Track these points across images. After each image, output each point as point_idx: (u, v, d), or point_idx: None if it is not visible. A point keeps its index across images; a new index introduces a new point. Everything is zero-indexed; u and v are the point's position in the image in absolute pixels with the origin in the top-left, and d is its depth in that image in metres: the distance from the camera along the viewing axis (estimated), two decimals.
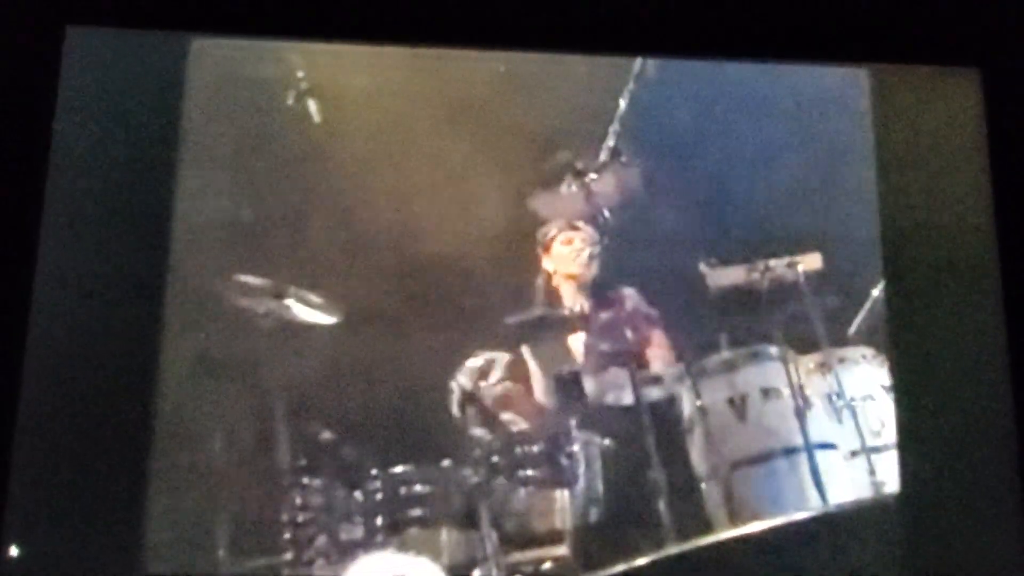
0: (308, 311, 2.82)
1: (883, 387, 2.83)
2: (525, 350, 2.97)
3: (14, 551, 2.22)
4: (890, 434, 2.73)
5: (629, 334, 2.95)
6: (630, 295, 2.99)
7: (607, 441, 2.83)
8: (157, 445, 2.40)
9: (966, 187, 2.62)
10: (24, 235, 2.33)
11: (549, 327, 2.97)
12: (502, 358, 2.95)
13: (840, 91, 2.88)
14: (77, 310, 2.37)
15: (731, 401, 2.88)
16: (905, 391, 2.61)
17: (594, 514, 2.76)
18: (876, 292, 2.82)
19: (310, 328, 2.81)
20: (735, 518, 2.74)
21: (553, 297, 3.06)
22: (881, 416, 2.82)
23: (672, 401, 2.91)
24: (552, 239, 3.07)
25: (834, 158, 2.88)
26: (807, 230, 2.93)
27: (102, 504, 2.29)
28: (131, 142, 2.48)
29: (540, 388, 2.95)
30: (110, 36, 2.49)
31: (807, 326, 2.95)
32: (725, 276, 2.97)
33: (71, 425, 2.31)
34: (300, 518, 2.62)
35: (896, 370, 2.67)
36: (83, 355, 2.35)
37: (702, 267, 2.97)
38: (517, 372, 2.95)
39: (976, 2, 2.64)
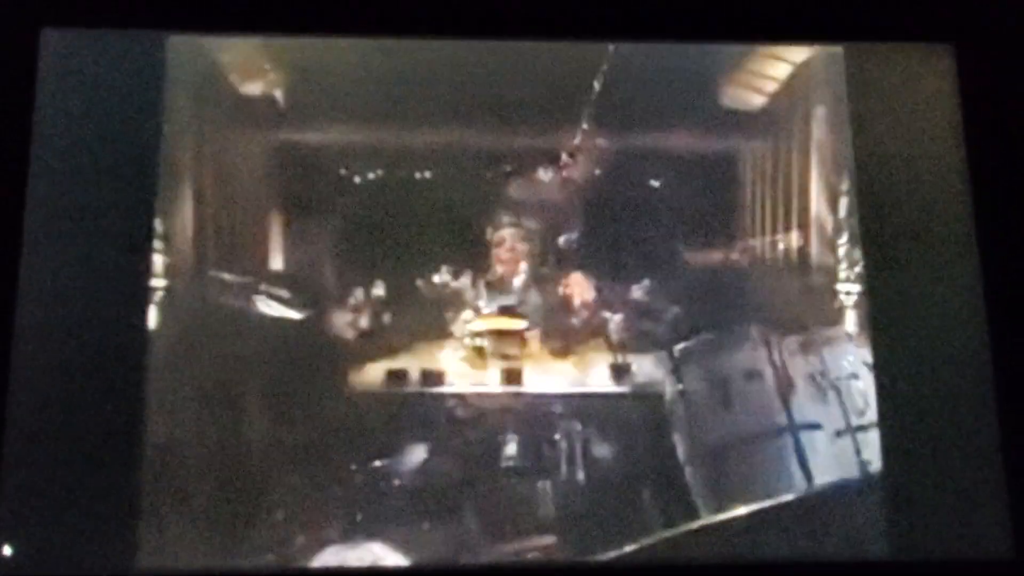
0: (280, 307, 2.84)
1: (867, 365, 2.77)
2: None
3: (6, 550, 2.22)
4: (875, 413, 2.67)
5: (614, 317, 2.96)
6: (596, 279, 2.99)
7: (589, 428, 2.82)
8: (146, 443, 2.40)
9: (942, 162, 2.61)
10: (6, 238, 2.33)
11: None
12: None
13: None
14: (61, 309, 2.36)
15: (713, 384, 2.89)
16: (885, 368, 2.60)
17: (578, 503, 2.74)
18: (858, 269, 2.79)
19: (286, 323, 2.83)
20: (720, 502, 2.73)
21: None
22: (866, 395, 2.78)
23: (653, 386, 2.91)
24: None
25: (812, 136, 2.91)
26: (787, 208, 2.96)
27: (93, 502, 2.29)
28: (111, 142, 2.48)
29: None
30: (86, 37, 2.48)
31: (789, 306, 2.96)
32: (705, 257, 2.97)
33: (60, 423, 2.31)
34: (280, 515, 2.60)
35: (875, 347, 2.64)
36: (70, 353, 2.35)
37: (681, 248, 2.97)
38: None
39: None
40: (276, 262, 2.90)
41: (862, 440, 2.76)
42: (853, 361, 2.86)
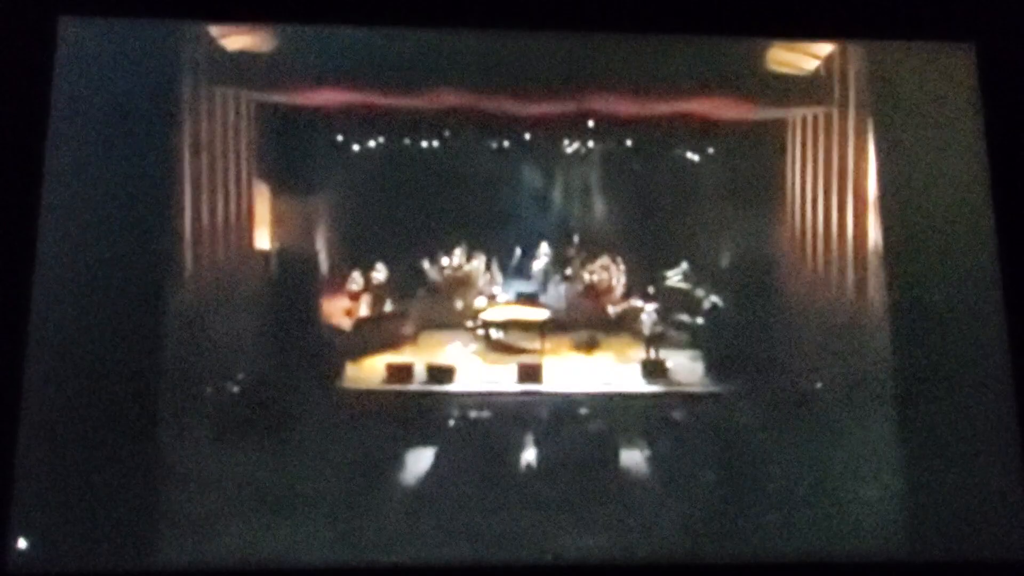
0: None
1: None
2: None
3: (22, 543, 2.19)
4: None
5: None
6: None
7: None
8: (163, 440, 2.35)
9: (963, 158, 2.61)
10: (25, 220, 2.33)
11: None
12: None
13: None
14: (77, 300, 2.37)
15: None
16: (906, 363, 2.54)
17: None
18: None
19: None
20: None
21: None
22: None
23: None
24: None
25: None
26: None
27: (112, 498, 2.25)
28: (127, 125, 2.46)
29: None
30: (102, 25, 2.49)
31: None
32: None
33: (78, 420, 2.30)
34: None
35: (896, 340, 2.57)
36: (86, 347, 2.34)
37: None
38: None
39: None
40: (263, 241, 2.75)
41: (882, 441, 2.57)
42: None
